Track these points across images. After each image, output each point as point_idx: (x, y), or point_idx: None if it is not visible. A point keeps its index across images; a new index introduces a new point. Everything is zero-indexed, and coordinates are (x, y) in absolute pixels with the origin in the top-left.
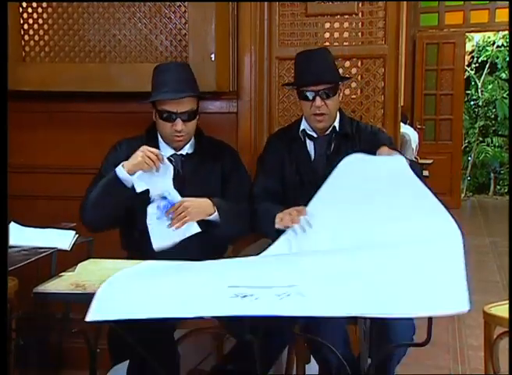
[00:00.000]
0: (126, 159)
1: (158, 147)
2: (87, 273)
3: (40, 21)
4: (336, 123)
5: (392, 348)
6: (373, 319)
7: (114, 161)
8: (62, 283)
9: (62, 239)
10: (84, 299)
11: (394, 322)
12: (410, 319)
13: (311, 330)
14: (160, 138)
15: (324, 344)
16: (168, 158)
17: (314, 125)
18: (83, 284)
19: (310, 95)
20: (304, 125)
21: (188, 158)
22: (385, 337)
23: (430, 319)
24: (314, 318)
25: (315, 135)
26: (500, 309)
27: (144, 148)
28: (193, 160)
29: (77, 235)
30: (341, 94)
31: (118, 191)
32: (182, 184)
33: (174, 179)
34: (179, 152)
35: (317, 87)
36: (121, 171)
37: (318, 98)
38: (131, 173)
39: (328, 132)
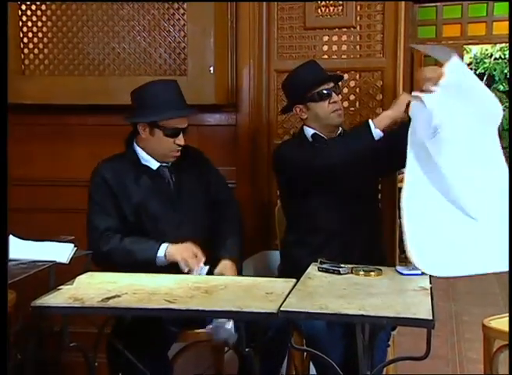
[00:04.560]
0: (116, 185)
1: (140, 161)
2: (85, 287)
3: (40, 34)
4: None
5: (390, 362)
6: (371, 333)
7: (106, 191)
8: (60, 297)
9: (61, 252)
10: (82, 313)
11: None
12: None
13: (310, 342)
14: (142, 153)
15: (323, 356)
16: (156, 170)
17: (335, 121)
18: (81, 298)
19: (326, 92)
20: (311, 131)
21: (175, 169)
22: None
23: (429, 332)
24: (313, 330)
25: (326, 137)
26: (500, 322)
27: (190, 253)
28: (179, 170)
29: (76, 248)
30: None
31: (151, 267)
32: (178, 194)
33: (168, 190)
34: (164, 164)
35: (329, 85)
36: (162, 260)
37: (333, 94)
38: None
39: (336, 133)
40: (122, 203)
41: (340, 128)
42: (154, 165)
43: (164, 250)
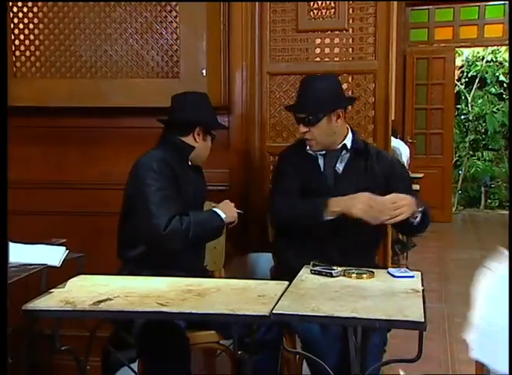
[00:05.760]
0: (177, 168)
1: (188, 164)
2: (77, 290)
3: (32, 37)
4: (347, 141)
5: (383, 364)
6: (364, 335)
7: (169, 174)
8: (51, 300)
9: (52, 255)
10: (74, 316)
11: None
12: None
13: (306, 344)
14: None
15: (316, 359)
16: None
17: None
18: (72, 301)
19: (296, 121)
20: None
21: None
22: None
23: (421, 334)
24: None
25: (323, 152)
26: None
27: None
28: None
29: (68, 251)
30: (338, 121)
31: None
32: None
33: (205, 188)
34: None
35: (300, 115)
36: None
37: (301, 125)
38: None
39: (337, 148)
40: (180, 187)
41: (348, 141)
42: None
43: (220, 212)
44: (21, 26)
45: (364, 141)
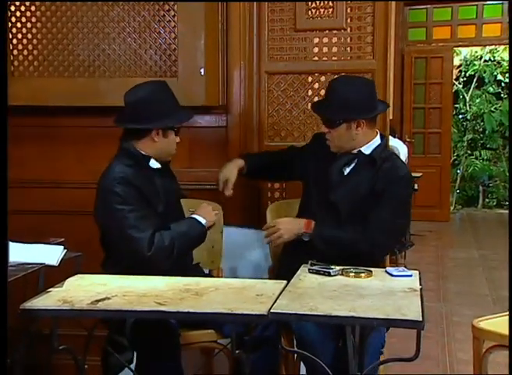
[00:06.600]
0: (141, 184)
1: (149, 165)
2: (75, 289)
3: (29, 36)
4: (365, 148)
5: (380, 364)
6: (362, 334)
7: (135, 192)
8: (49, 300)
9: (50, 254)
10: (72, 315)
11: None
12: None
13: (300, 342)
14: (146, 155)
15: (313, 358)
16: (161, 170)
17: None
18: (70, 300)
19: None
20: None
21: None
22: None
23: (419, 333)
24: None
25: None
26: (489, 323)
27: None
28: (168, 168)
29: (65, 250)
30: (359, 129)
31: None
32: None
33: (174, 187)
34: (163, 163)
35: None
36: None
37: (323, 125)
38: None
39: (353, 152)
40: (150, 200)
41: (367, 148)
42: (155, 165)
43: (200, 218)
44: (19, 25)
45: (389, 151)
